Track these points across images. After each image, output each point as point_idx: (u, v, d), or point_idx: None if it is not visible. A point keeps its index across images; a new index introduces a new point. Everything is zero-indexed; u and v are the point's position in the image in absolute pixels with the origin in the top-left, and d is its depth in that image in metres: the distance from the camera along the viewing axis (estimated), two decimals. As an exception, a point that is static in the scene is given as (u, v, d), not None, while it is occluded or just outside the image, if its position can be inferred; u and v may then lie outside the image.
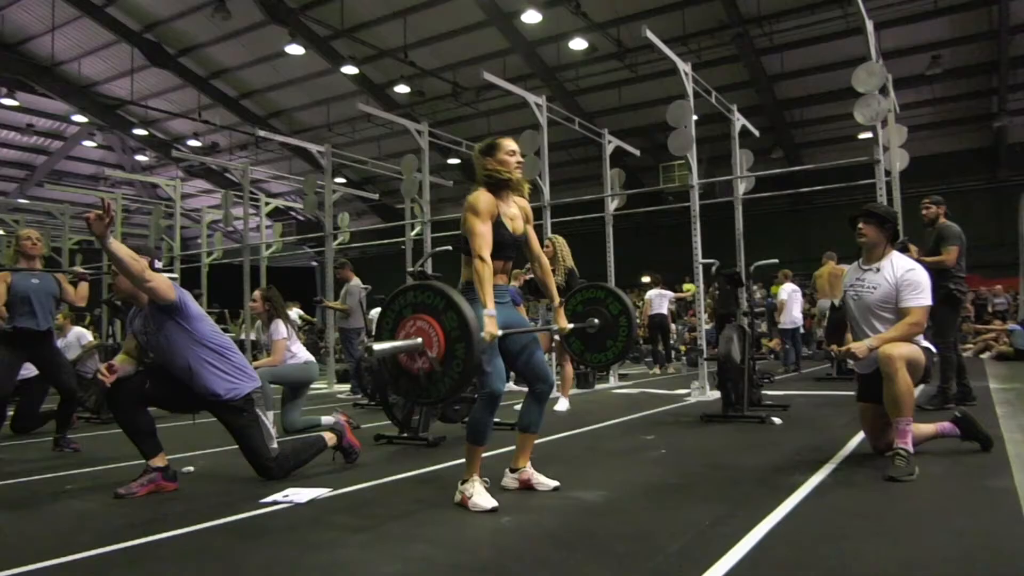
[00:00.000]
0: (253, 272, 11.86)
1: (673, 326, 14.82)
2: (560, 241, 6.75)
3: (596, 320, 3.99)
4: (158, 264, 3.66)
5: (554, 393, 7.24)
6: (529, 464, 3.39)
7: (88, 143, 27.00)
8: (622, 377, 10.40)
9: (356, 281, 8.76)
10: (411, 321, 2.87)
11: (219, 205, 14.83)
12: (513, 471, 3.39)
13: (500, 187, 3.17)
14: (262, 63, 20.96)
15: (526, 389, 3.33)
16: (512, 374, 9.35)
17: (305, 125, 23.39)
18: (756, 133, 9.81)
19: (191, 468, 4.08)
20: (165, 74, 21.85)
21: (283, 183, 23.61)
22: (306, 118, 23.48)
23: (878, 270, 3.76)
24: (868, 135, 7.37)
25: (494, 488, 3.20)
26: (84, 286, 5.21)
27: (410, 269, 5.06)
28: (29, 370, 5.39)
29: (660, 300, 11.88)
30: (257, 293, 5.61)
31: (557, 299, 3.46)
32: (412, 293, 2.92)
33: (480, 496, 2.98)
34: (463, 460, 3.14)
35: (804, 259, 15.98)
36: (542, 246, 6.80)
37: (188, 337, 3.50)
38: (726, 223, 8.49)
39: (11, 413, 6.14)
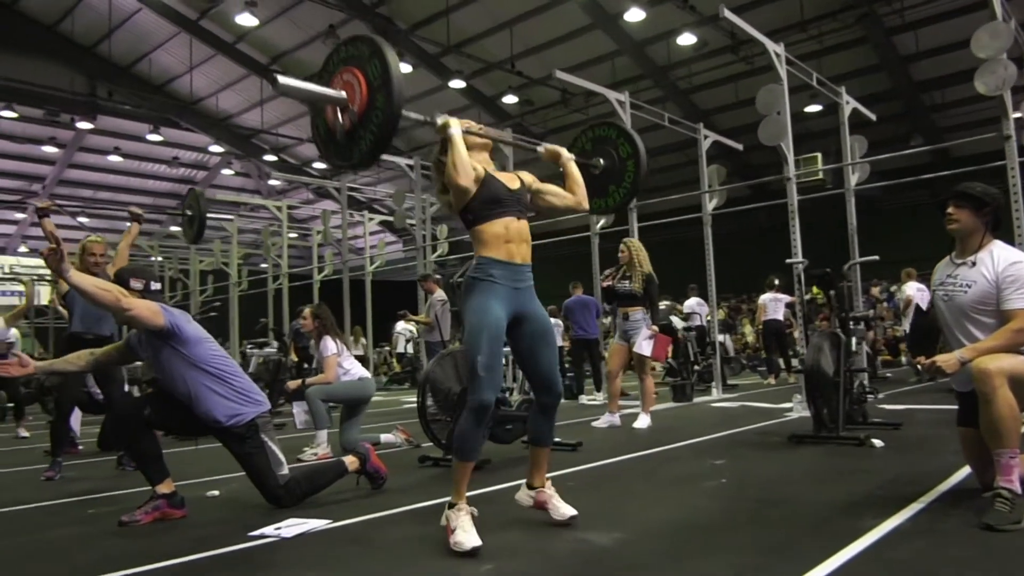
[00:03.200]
0: (357, 287, 12.03)
1: (797, 333, 13.70)
2: (636, 245, 6.34)
3: (602, 160, 3.51)
4: (155, 286, 3.54)
5: (634, 409, 6.77)
6: (549, 484, 3.02)
7: (227, 171, 28.94)
8: (729, 388, 9.63)
9: (439, 294, 8.58)
10: (339, 76, 2.70)
11: (338, 225, 15.27)
12: (531, 488, 3.03)
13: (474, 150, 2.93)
14: (378, 85, 21.58)
15: (600, 398, 3.00)
16: (573, 381, 8.87)
17: (422, 142, 23.76)
18: (872, 117, 8.83)
19: (216, 492, 3.95)
20: (291, 102, 23.03)
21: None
22: (421, 135, 23.85)
23: (973, 264, 3.04)
24: (1019, 114, 6.43)
25: (509, 507, 2.94)
26: None
27: (451, 279, 4.75)
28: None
29: (776, 305, 10.98)
30: (307, 310, 5.48)
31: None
32: (344, 48, 2.76)
33: (462, 533, 2.61)
34: (494, 488, 2.84)
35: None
36: (617, 251, 6.39)
37: (185, 362, 3.34)
38: (862, 220, 7.75)
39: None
